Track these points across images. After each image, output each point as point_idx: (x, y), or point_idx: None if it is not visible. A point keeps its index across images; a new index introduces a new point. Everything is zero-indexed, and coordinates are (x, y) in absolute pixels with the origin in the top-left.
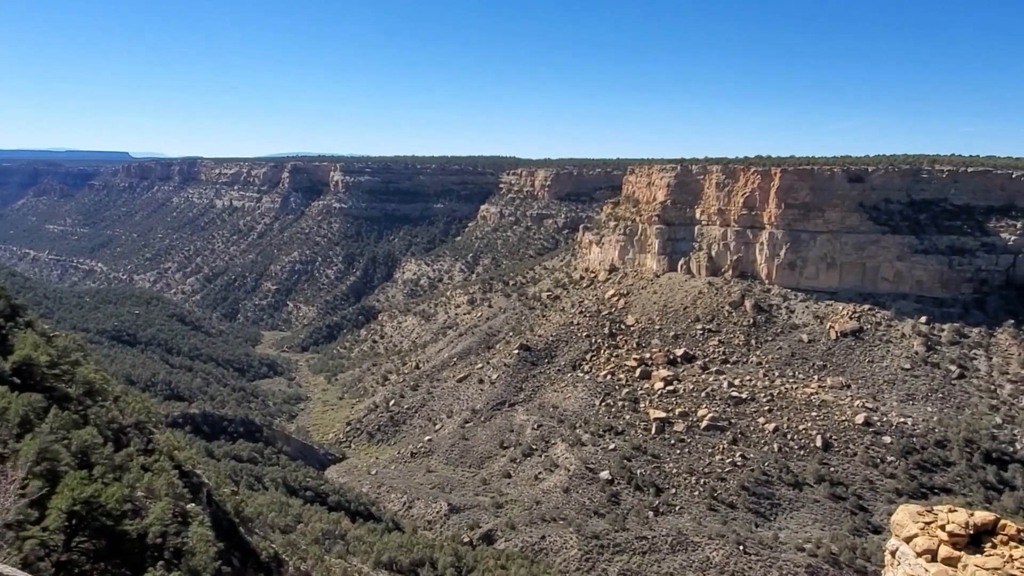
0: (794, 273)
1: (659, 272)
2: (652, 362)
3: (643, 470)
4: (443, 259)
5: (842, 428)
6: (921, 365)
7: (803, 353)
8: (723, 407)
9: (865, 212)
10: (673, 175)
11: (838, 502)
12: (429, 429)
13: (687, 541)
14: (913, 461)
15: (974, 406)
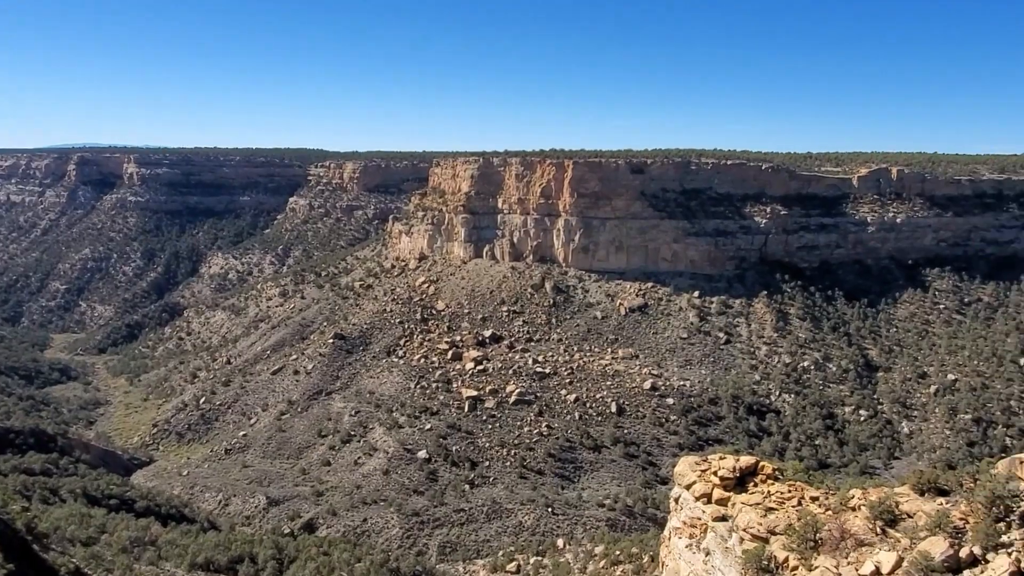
0: (588, 256)
1: (466, 259)
2: (463, 344)
3: (458, 446)
4: (252, 252)
5: (633, 394)
6: (696, 334)
7: (598, 329)
8: (529, 382)
9: (646, 200)
10: (476, 167)
11: (631, 460)
12: (244, 424)
13: (501, 509)
14: (691, 418)
15: (738, 367)
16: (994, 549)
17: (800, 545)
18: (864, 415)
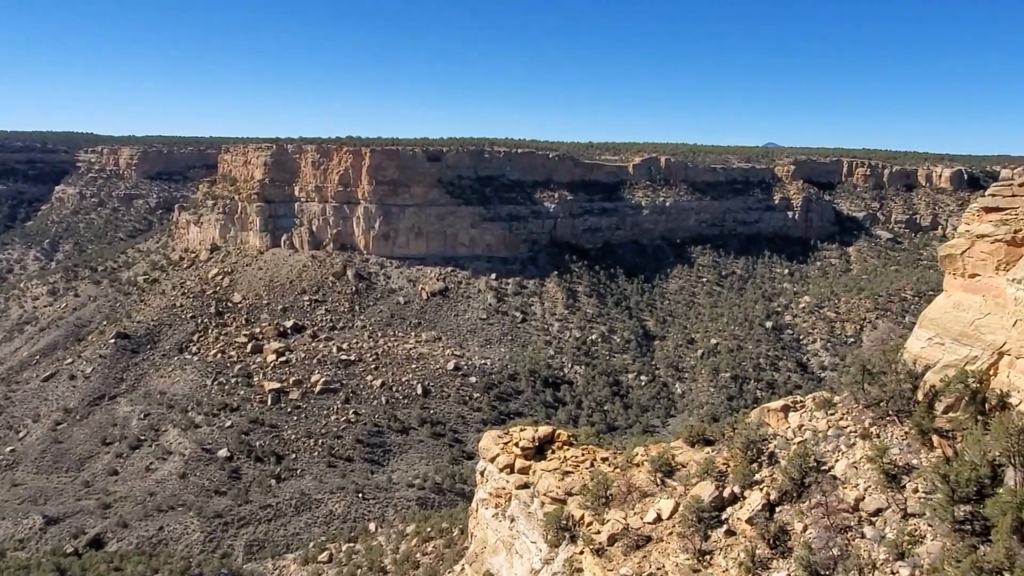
0: (388, 243)
1: (263, 248)
2: (263, 336)
3: (262, 441)
4: (12, 247)
5: (438, 375)
6: (494, 314)
7: (401, 313)
8: (334, 370)
9: (443, 187)
10: (270, 154)
11: (439, 439)
12: (11, 439)
13: (311, 500)
14: (493, 394)
15: (534, 343)
16: (750, 487)
17: (594, 502)
18: (644, 380)
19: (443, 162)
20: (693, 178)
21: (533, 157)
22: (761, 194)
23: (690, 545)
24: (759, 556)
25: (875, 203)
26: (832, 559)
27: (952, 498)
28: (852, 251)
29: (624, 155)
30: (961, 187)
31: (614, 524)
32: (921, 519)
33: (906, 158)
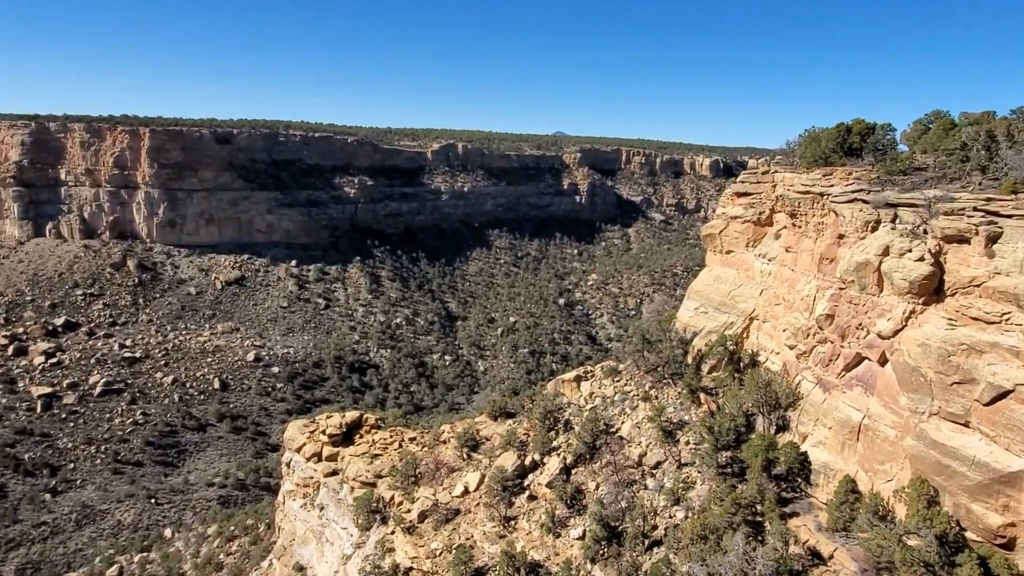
0: (175, 231)
1: (23, 239)
2: (28, 336)
3: (32, 453)
4: None
5: (237, 367)
6: (296, 302)
7: (193, 305)
8: (117, 369)
9: (235, 171)
10: (27, 133)
11: (240, 434)
12: None
13: (94, 512)
14: (298, 383)
15: (339, 329)
16: (548, 453)
17: (403, 482)
18: (449, 360)
19: (234, 144)
20: (489, 164)
21: (332, 141)
22: (552, 180)
23: (496, 513)
24: (558, 516)
25: (650, 188)
26: (621, 511)
27: (716, 447)
28: (632, 232)
29: (423, 141)
30: (718, 174)
31: (424, 501)
32: (692, 467)
33: (674, 148)
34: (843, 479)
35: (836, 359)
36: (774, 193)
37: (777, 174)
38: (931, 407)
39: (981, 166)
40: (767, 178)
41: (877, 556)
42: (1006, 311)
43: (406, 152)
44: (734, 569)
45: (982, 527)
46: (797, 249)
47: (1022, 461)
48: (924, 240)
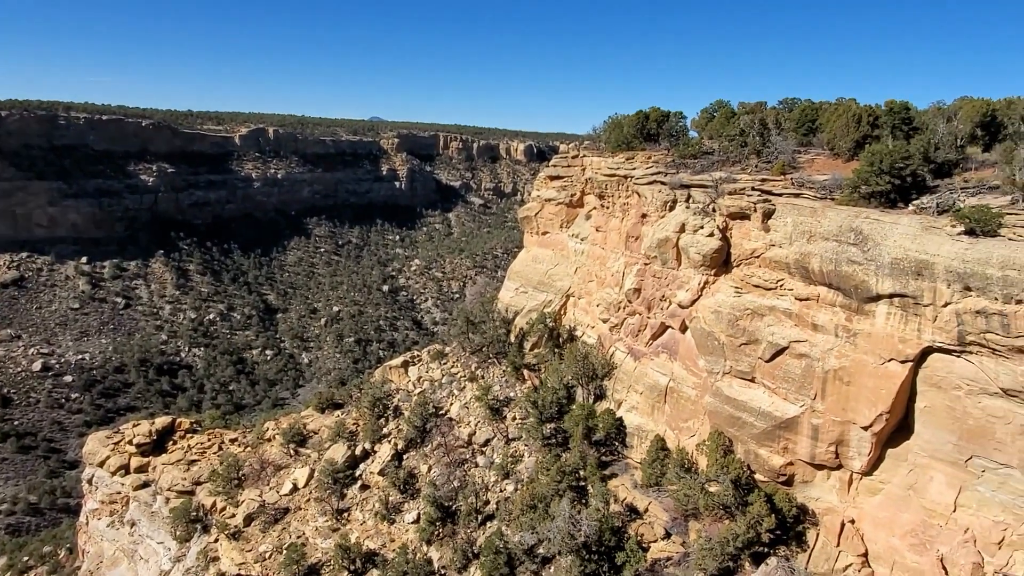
0: None
1: None
2: None
3: None
4: None
5: (21, 379)
6: (90, 302)
7: None
8: None
9: (6, 158)
10: None
11: (29, 453)
12: None
13: None
14: (97, 392)
15: (143, 330)
16: (379, 441)
17: (226, 486)
18: (270, 354)
19: (4, 128)
20: (304, 150)
21: (123, 125)
22: (370, 166)
23: (328, 507)
24: (392, 502)
25: (468, 173)
26: (454, 490)
27: (540, 420)
28: (452, 216)
29: (229, 125)
30: (532, 159)
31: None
32: (519, 441)
33: (490, 134)
34: (654, 439)
35: (644, 329)
36: (584, 176)
37: (586, 158)
38: (724, 367)
39: (757, 150)
40: (577, 162)
41: (685, 505)
42: (780, 278)
43: (211, 137)
44: (562, 533)
45: (768, 468)
46: (606, 228)
47: (796, 408)
48: (713, 217)
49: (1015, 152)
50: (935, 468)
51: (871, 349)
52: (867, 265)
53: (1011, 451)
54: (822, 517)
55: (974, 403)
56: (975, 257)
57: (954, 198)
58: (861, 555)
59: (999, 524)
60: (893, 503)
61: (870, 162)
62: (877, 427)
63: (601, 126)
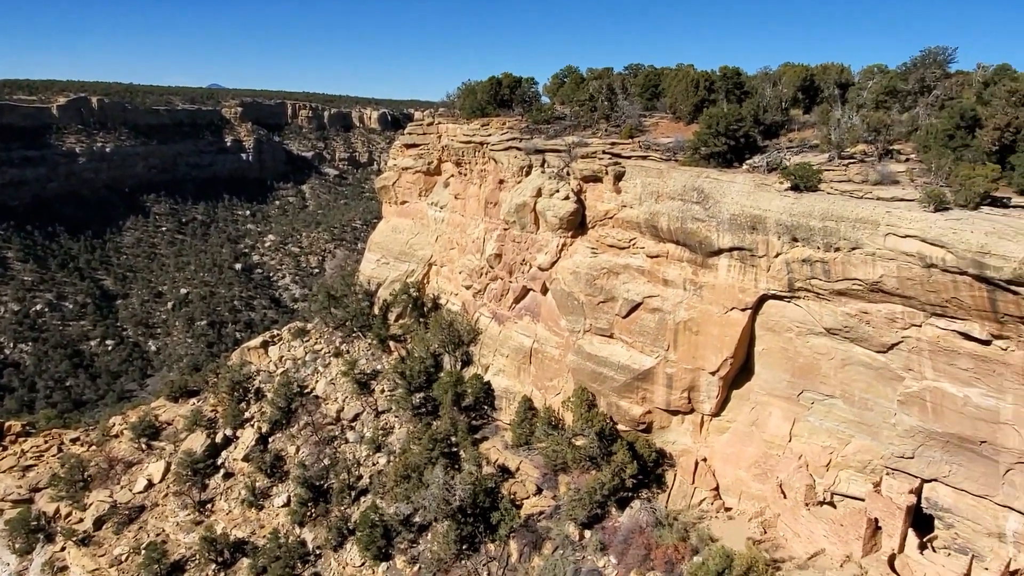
0: None
1: None
2: None
3: None
4: None
5: None
6: None
7: None
8: None
9: None
10: None
11: None
12: None
13: None
14: None
15: None
16: (241, 426)
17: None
18: (111, 344)
19: None
20: (135, 121)
21: None
22: (212, 137)
23: (189, 500)
24: (260, 487)
25: (320, 143)
26: (324, 469)
27: (409, 390)
28: (306, 189)
29: (44, 95)
30: (387, 127)
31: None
32: (389, 414)
33: (341, 101)
34: (521, 400)
35: (506, 294)
36: (440, 144)
37: (441, 125)
38: (584, 325)
39: (606, 115)
40: (432, 129)
41: (554, 460)
42: (633, 237)
43: (22, 108)
44: (437, 500)
45: (629, 418)
46: (465, 196)
47: (652, 359)
48: (568, 181)
49: (830, 114)
50: (773, 404)
51: (715, 300)
52: (709, 222)
53: (834, 383)
54: (678, 459)
55: (803, 343)
56: (800, 211)
57: (781, 157)
58: (713, 489)
59: (826, 449)
60: (739, 439)
61: (708, 125)
62: (723, 371)
63: (455, 93)
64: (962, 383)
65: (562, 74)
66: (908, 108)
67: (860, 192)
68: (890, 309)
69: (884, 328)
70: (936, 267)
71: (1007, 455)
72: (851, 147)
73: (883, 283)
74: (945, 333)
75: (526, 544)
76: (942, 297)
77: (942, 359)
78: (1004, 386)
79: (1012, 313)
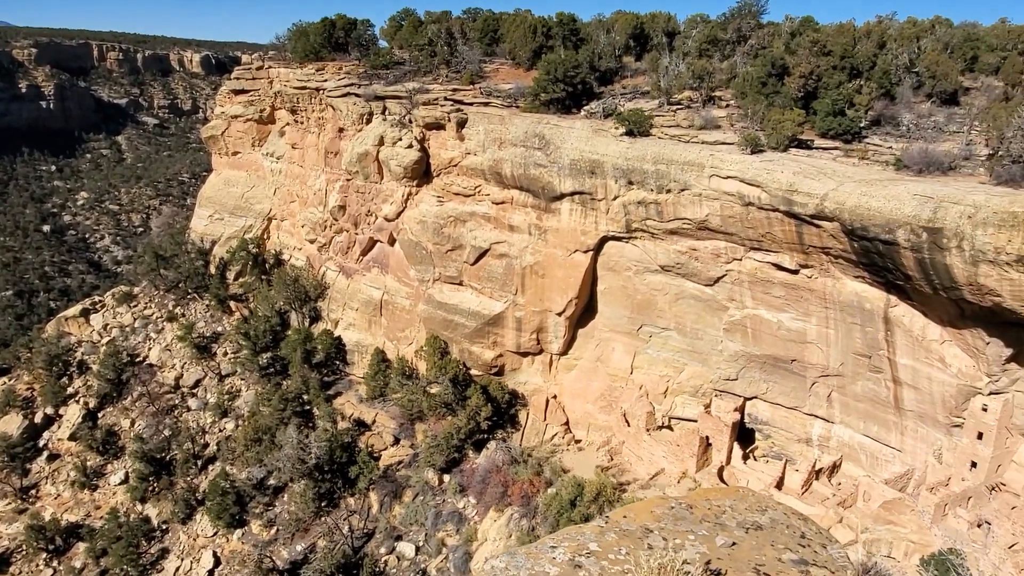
0: None
1: None
2: None
3: None
4: None
5: None
6: None
7: None
8: None
9: None
10: None
11: None
12: None
13: None
14: None
15: None
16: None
17: None
18: None
19: None
20: None
21: None
22: (3, 83)
23: (8, 488)
24: (91, 467)
25: (135, 89)
26: (165, 440)
27: (255, 350)
28: (122, 140)
29: None
30: (212, 71)
31: None
32: (235, 376)
33: (157, 42)
34: (374, 352)
35: (353, 246)
36: (272, 90)
37: (272, 69)
38: (434, 274)
39: (446, 60)
40: (263, 74)
41: (410, 410)
42: (478, 184)
43: None
44: (291, 460)
45: (481, 363)
46: (303, 145)
47: (501, 304)
48: (411, 129)
49: (659, 61)
50: (616, 340)
51: (559, 243)
52: (551, 167)
53: (669, 316)
54: (530, 398)
55: (641, 280)
56: (634, 155)
57: (616, 103)
58: (564, 424)
59: (664, 377)
60: (586, 375)
61: (547, 71)
62: (569, 312)
63: (286, 35)
64: (776, 309)
65: (399, 17)
66: (728, 56)
67: (687, 137)
68: (715, 245)
69: (710, 263)
70: (753, 205)
71: (812, 370)
72: (678, 93)
73: (709, 221)
74: (761, 265)
75: (386, 494)
76: (759, 232)
77: (759, 289)
78: (810, 310)
79: (815, 244)
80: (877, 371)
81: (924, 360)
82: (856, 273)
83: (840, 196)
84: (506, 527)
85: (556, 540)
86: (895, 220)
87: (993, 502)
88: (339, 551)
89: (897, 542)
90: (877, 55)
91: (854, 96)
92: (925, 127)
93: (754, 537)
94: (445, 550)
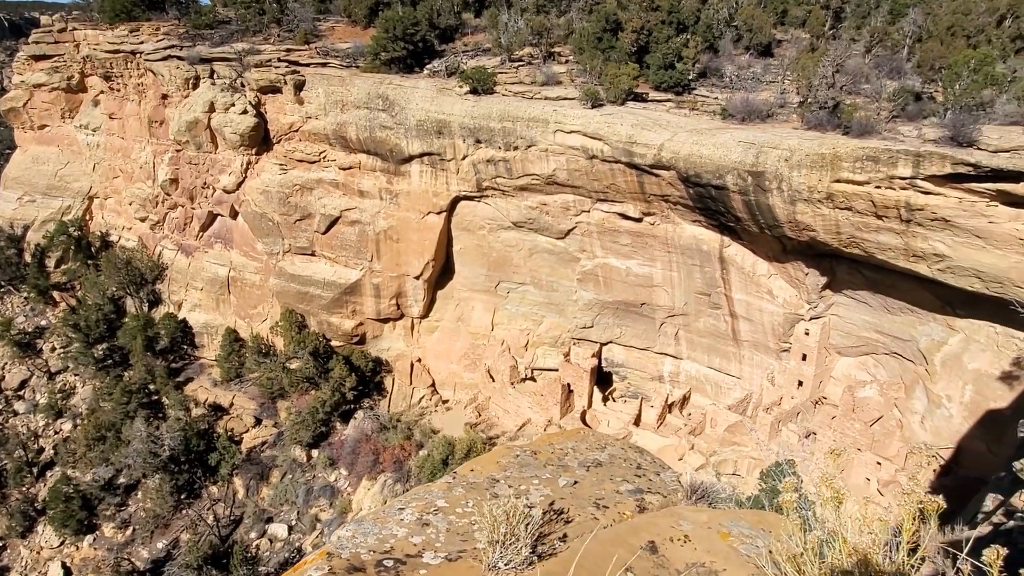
0: None
1: None
2: None
3: None
4: None
5: None
6: None
7: None
8: None
9: None
10: None
11: None
12: None
13: None
14: None
15: None
16: None
17: None
18: None
19: None
20: None
21: None
22: None
23: None
24: None
25: None
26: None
27: (88, 342)
28: None
29: None
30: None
31: None
32: (67, 373)
33: None
34: (225, 332)
35: (191, 222)
36: (79, 54)
37: (78, 32)
38: (283, 246)
39: (276, 19)
40: (67, 36)
41: (270, 388)
42: (323, 150)
43: None
44: (142, 455)
45: (342, 333)
46: (122, 115)
47: (357, 272)
48: (244, 93)
49: (499, 18)
50: (475, 299)
51: (412, 206)
52: (397, 129)
53: (524, 271)
54: (395, 364)
55: (495, 238)
56: (480, 113)
57: (458, 61)
58: (430, 386)
59: (524, 331)
60: (448, 336)
61: (385, 29)
62: (427, 275)
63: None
64: (624, 257)
65: None
66: (564, 12)
67: (531, 93)
68: (564, 199)
69: (561, 216)
70: (597, 158)
71: (660, 312)
72: (519, 50)
73: (556, 176)
74: (608, 216)
75: (251, 477)
76: (603, 184)
77: (607, 238)
78: (654, 255)
79: (655, 193)
80: (716, 307)
81: (755, 294)
82: (693, 218)
83: (675, 146)
84: (380, 494)
85: (404, 501)
86: (724, 166)
87: (817, 415)
88: (205, 542)
89: (740, 460)
90: (700, 10)
91: (682, 50)
92: (745, 78)
93: (594, 474)
94: (320, 525)
